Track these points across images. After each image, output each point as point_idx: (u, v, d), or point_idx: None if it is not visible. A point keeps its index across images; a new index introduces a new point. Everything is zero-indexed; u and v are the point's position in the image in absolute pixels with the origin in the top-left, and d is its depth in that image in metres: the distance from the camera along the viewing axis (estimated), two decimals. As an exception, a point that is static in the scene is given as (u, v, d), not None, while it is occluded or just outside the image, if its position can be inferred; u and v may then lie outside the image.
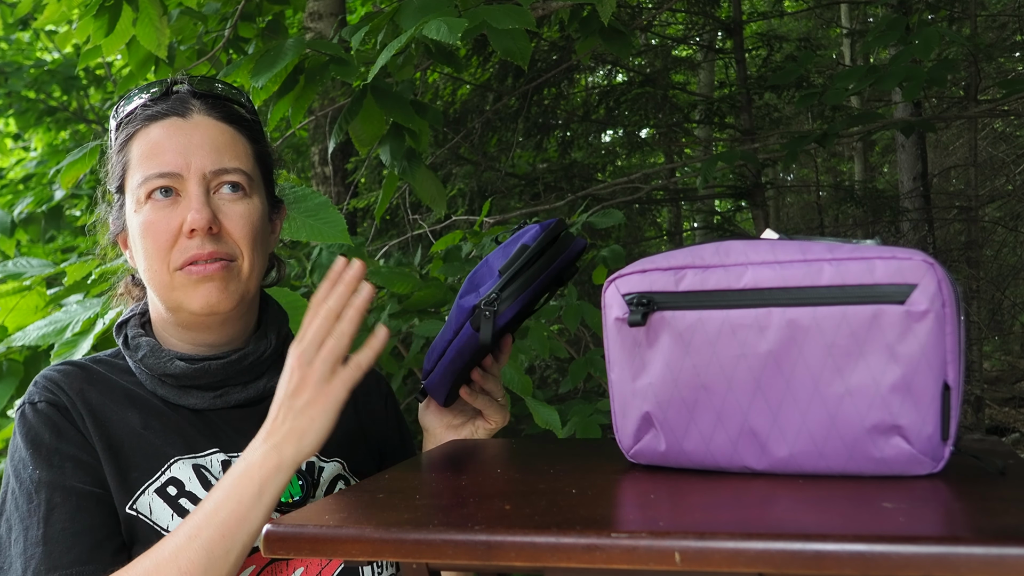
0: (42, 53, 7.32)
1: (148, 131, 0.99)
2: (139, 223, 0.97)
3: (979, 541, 0.52)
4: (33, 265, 1.89)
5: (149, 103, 1.01)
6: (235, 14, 2.66)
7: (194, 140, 0.98)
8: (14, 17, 5.85)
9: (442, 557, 0.61)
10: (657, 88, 5.14)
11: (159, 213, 0.96)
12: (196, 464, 0.97)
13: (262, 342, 1.04)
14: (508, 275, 0.93)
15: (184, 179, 0.96)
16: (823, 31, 8.40)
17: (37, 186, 4.07)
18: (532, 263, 0.94)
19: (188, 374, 0.99)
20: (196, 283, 0.96)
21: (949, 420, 0.69)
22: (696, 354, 0.75)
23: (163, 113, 0.99)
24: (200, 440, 0.99)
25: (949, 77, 3.14)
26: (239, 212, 0.98)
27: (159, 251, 0.96)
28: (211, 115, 1.01)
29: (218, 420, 1.02)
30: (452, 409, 1.09)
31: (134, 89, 1.04)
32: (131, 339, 1.03)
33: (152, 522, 0.92)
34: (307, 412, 0.85)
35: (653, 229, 6.92)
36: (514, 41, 1.65)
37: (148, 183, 0.96)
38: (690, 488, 0.72)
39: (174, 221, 0.96)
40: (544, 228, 0.97)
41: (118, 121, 1.03)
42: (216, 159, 0.98)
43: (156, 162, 0.96)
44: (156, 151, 0.97)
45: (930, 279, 0.68)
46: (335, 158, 3.99)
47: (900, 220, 6.05)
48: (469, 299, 0.95)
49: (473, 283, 0.98)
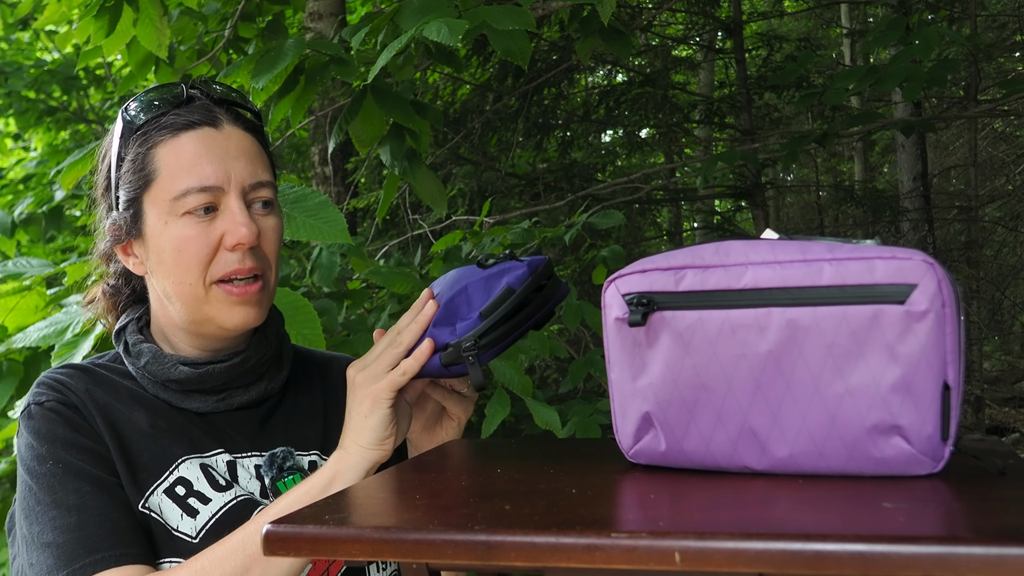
0: (42, 53, 7.32)
1: (179, 141, 0.95)
2: (174, 236, 0.95)
3: (979, 541, 0.52)
4: (33, 265, 1.89)
5: (174, 111, 0.97)
6: (235, 14, 2.66)
7: (231, 152, 0.96)
8: (14, 17, 5.85)
9: (442, 557, 0.61)
10: (657, 88, 5.14)
11: (198, 227, 0.94)
12: (203, 463, 0.97)
13: (263, 344, 1.04)
14: (490, 322, 0.92)
15: (225, 192, 0.94)
16: (823, 31, 8.40)
17: (37, 186, 4.07)
18: (515, 312, 0.93)
19: (192, 379, 0.99)
20: (234, 304, 0.96)
21: (949, 420, 0.69)
22: (696, 354, 0.75)
23: (195, 123, 0.96)
24: (206, 440, 0.99)
25: (949, 77, 3.14)
26: (271, 226, 0.99)
27: (198, 265, 0.94)
28: (238, 125, 0.99)
29: (221, 422, 1.02)
30: (419, 414, 1.06)
31: (143, 94, 1.00)
32: (132, 345, 1.01)
33: (163, 521, 0.92)
34: (359, 407, 0.94)
35: (653, 229, 6.92)
36: (514, 41, 1.65)
37: (189, 197, 0.93)
38: (690, 488, 0.72)
39: (213, 235, 0.94)
40: (532, 271, 0.94)
41: (135, 127, 0.97)
42: (252, 172, 0.97)
43: (196, 175, 0.94)
44: (194, 163, 0.94)
45: (930, 279, 0.68)
46: (335, 158, 3.99)
47: (900, 220, 6.06)
48: (443, 332, 0.93)
49: (449, 311, 0.94)
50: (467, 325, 0.93)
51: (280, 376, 1.07)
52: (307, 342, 1.51)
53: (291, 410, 1.08)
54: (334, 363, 1.18)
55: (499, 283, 0.93)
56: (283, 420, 1.06)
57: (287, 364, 1.09)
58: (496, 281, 0.94)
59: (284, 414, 1.07)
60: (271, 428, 1.05)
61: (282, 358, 1.09)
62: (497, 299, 0.92)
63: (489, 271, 0.95)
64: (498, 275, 0.94)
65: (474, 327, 0.92)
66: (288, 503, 0.90)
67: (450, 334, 0.93)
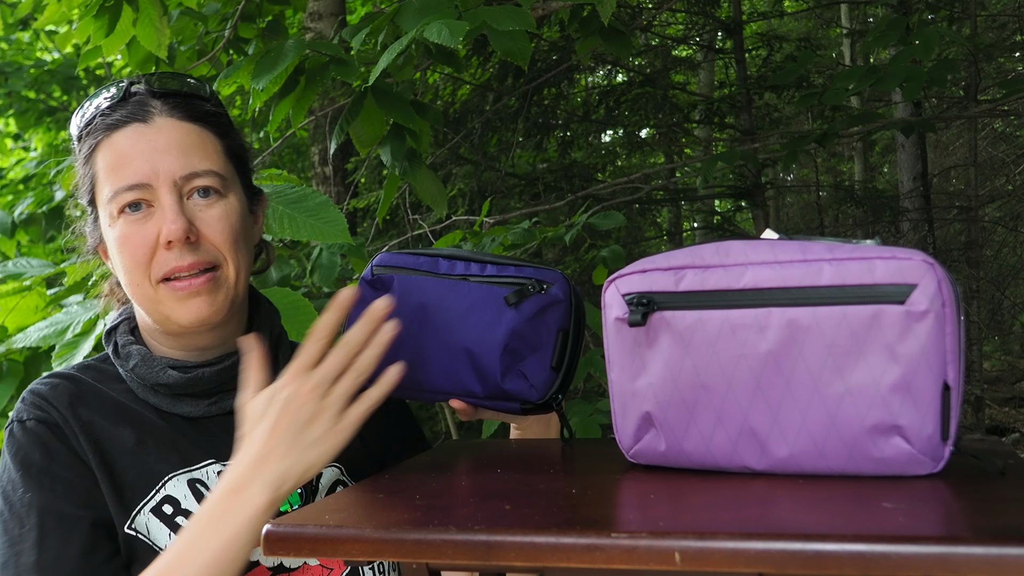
0: (42, 53, 7.32)
1: (111, 140, 0.94)
2: (114, 238, 0.94)
3: (979, 541, 0.52)
4: (33, 265, 1.89)
5: (107, 110, 0.96)
6: (235, 14, 2.66)
7: (159, 146, 0.93)
8: (14, 17, 5.85)
9: (442, 557, 0.61)
10: (657, 88, 5.14)
11: (133, 227, 0.93)
12: (191, 479, 0.95)
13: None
14: (563, 373, 0.96)
15: (154, 188, 0.92)
16: (823, 31, 8.40)
17: (37, 186, 4.07)
18: (574, 348, 0.97)
19: (181, 383, 0.97)
20: (183, 299, 0.93)
21: (949, 420, 0.69)
22: (696, 354, 0.75)
23: (123, 120, 0.94)
24: (195, 452, 0.97)
25: (949, 77, 3.13)
26: (216, 216, 0.95)
27: (138, 266, 0.93)
28: (174, 115, 0.96)
29: (213, 427, 0.99)
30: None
31: (89, 95, 0.99)
32: (121, 347, 1.00)
33: (151, 542, 0.90)
34: (316, 448, 0.81)
35: (653, 229, 6.93)
36: (514, 42, 1.65)
37: (118, 197, 0.92)
38: (690, 488, 0.72)
39: (150, 233, 0.92)
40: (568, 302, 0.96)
41: (79, 132, 0.98)
42: (185, 163, 0.93)
43: (123, 174, 0.92)
44: (121, 162, 0.93)
45: (930, 279, 0.68)
46: (335, 158, 3.99)
47: (900, 220, 6.05)
48: (516, 382, 0.95)
49: (517, 355, 0.95)
50: (540, 378, 0.95)
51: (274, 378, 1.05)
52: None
53: None
54: None
55: (544, 323, 0.95)
56: None
57: (283, 365, 1.07)
58: (541, 320, 0.95)
59: None
60: None
61: (278, 359, 1.05)
62: (560, 349, 0.95)
63: (526, 309, 0.95)
64: (540, 314, 0.95)
65: (548, 380, 0.96)
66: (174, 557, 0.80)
67: (523, 384, 0.95)
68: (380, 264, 1.00)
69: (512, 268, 0.96)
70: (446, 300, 0.94)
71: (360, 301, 0.93)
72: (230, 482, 0.81)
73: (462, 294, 0.96)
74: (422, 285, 0.97)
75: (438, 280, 0.96)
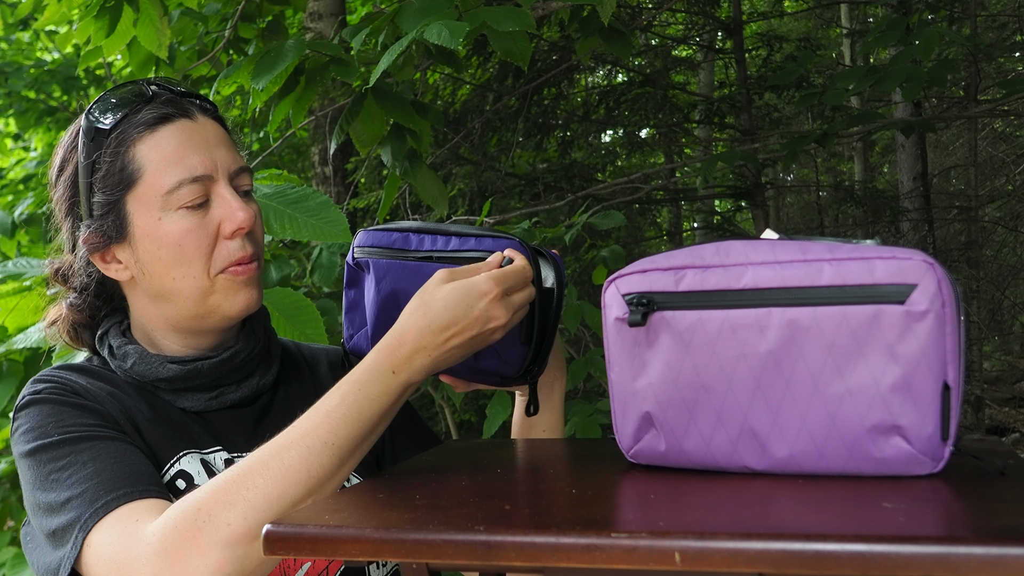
0: (42, 53, 7.32)
1: (159, 135, 0.94)
2: (171, 231, 0.94)
3: (979, 541, 0.52)
4: (33, 265, 1.89)
5: (143, 107, 0.95)
6: (235, 15, 2.66)
7: (211, 140, 0.96)
8: (14, 17, 5.86)
9: (442, 557, 0.61)
10: (657, 88, 5.13)
11: (194, 219, 0.94)
12: (203, 459, 0.96)
13: (251, 339, 1.04)
14: (535, 345, 0.94)
15: (215, 180, 0.95)
16: (823, 31, 8.40)
17: (37, 186, 4.08)
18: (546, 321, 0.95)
19: (181, 376, 0.98)
20: (240, 286, 0.97)
21: (949, 420, 0.69)
22: (696, 354, 0.75)
23: (168, 116, 0.95)
24: (205, 437, 0.99)
25: (949, 77, 3.13)
26: (255, 211, 1.00)
27: (201, 257, 0.94)
28: (207, 115, 0.99)
29: (216, 422, 1.01)
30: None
31: (103, 97, 0.97)
32: (116, 348, 1.00)
33: None
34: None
35: (653, 229, 6.92)
36: (514, 42, 1.65)
37: (183, 189, 0.93)
38: (690, 488, 0.72)
39: (211, 225, 0.95)
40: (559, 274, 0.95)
41: (106, 130, 0.94)
42: (235, 157, 0.98)
43: (185, 166, 0.93)
44: (180, 154, 0.93)
45: (930, 279, 0.68)
46: (335, 158, 3.99)
47: (900, 220, 6.05)
48: (490, 360, 0.95)
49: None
50: (514, 354, 0.94)
51: (271, 371, 1.06)
52: (310, 342, 1.51)
53: (285, 408, 1.07)
54: (322, 355, 1.18)
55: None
56: (278, 419, 1.06)
57: (276, 359, 1.09)
58: None
59: (278, 413, 1.06)
60: (266, 428, 1.04)
61: (271, 353, 1.08)
62: (527, 322, 0.92)
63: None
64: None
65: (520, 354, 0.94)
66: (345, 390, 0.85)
67: (496, 361, 0.95)
68: (360, 245, 1.01)
69: (473, 240, 0.95)
70: (414, 286, 0.92)
71: (348, 282, 1.01)
72: (390, 344, 0.85)
73: (427, 277, 0.94)
74: (392, 271, 0.97)
75: (405, 265, 0.96)
